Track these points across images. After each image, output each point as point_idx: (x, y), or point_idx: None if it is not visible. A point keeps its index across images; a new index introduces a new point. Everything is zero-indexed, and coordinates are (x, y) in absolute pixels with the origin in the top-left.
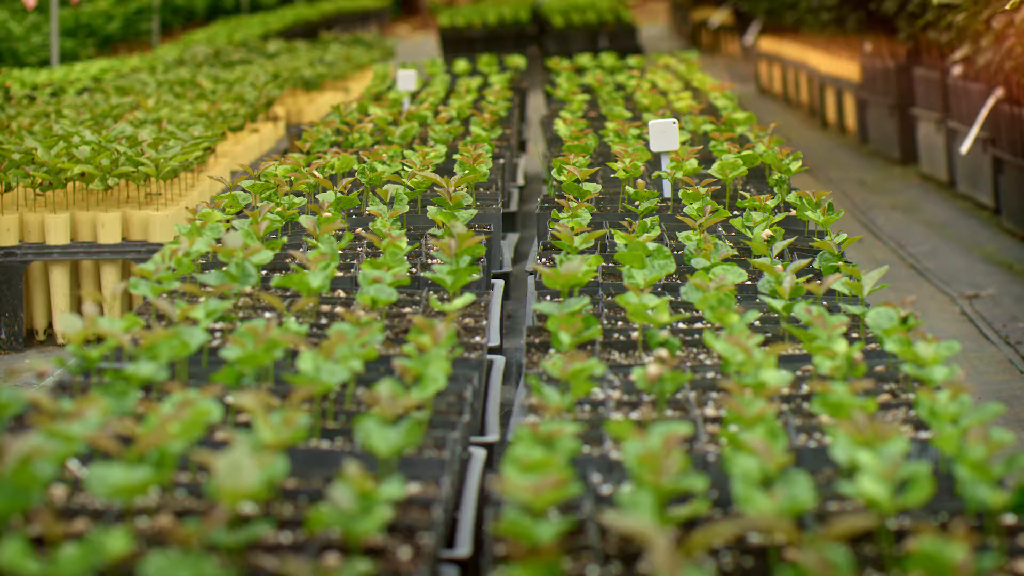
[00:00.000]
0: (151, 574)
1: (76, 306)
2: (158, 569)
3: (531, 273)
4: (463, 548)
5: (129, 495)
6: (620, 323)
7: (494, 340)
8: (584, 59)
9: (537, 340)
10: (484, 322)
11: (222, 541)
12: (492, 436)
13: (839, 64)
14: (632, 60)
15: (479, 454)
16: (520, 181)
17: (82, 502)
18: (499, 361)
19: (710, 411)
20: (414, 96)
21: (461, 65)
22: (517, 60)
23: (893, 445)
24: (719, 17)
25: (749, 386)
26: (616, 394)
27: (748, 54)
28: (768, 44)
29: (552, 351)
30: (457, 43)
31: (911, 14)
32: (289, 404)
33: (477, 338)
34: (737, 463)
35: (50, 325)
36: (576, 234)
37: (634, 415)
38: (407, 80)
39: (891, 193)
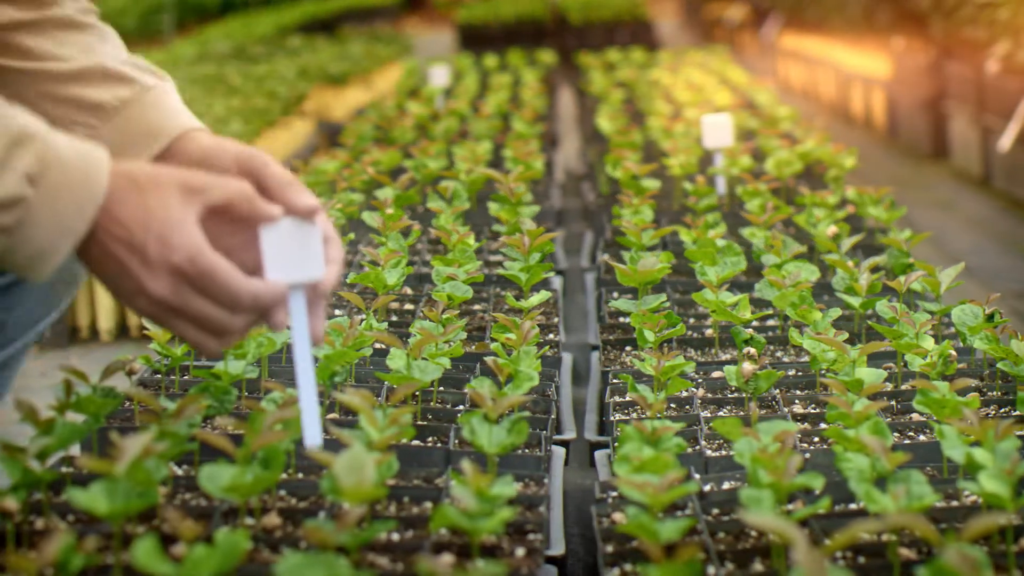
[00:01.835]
0: (283, 573)
1: (120, 304)
2: (292, 568)
3: (588, 269)
4: (558, 547)
5: (243, 495)
6: (692, 320)
7: (562, 338)
8: (614, 55)
9: (612, 337)
10: (556, 319)
11: (345, 541)
12: (569, 434)
13: (866, 60)
14: (663, 55)
15: (559, 452)
16: (560, 177)
17: (181, 500)
18: (567, 359)
19: (798, 409)
20: (447, 92)
21: (491, 61)
22: (547, 56)
23: (1007, 443)
24: (738, 13)
25: (845, 384)
26: (700, 392)
27: (766, 50)
28: (788, 40)
29: (629, 348)
30: (475, 39)
31: (947, 10)
32: (391, 402)
33: (551, 335)
34: (851, 461)
35: (93, 322)
36: (641, 230)
37: (722, 413)
38: (440, 76)
39: (926, 189)
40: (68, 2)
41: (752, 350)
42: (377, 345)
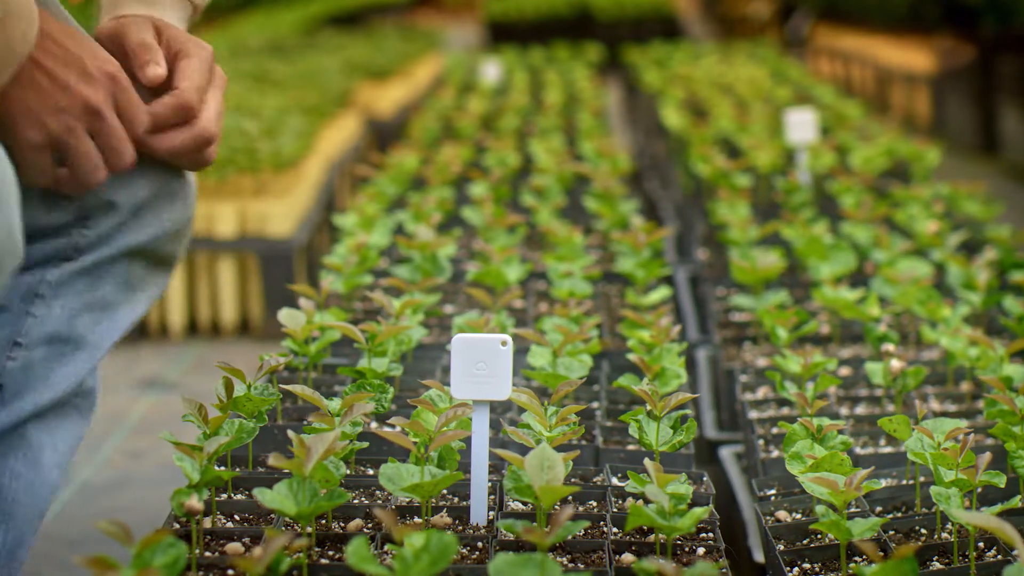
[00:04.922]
0: (495, 572)
1: (189, 300)
2: (505, 566)
3: (678, 265)
4: None
5: (424, 494)
6: None
7: None
8: (659, 50)
9: (729, 335)
10: (672, 316)
11: (553, 540)
12: None
13: (908, 55)
14: (709, 49)
15: None
16: None
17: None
18: None
19: (935, 405)
20: (500, 87)
21: (537, 56)
22: (592, 51)
23: None
24: (765, 8)
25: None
26: (832, 389)
27: (793, 45)
28: (820, 34)
29: (747, 345)
30: (504, 34)
31: (1003, 6)
32: (553, 400)
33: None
34: None
35: (163, 319)
36: (746, 226)
37: (859, 410)
38: (492, 71)
39: (979, 184)
40: None
41: (891, 346)
42: None
